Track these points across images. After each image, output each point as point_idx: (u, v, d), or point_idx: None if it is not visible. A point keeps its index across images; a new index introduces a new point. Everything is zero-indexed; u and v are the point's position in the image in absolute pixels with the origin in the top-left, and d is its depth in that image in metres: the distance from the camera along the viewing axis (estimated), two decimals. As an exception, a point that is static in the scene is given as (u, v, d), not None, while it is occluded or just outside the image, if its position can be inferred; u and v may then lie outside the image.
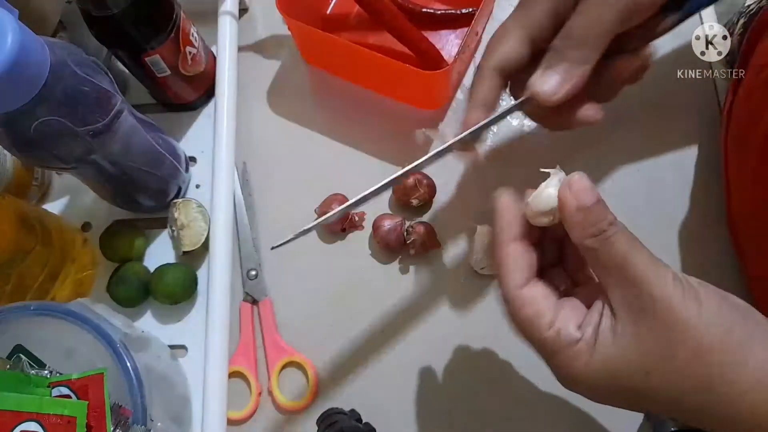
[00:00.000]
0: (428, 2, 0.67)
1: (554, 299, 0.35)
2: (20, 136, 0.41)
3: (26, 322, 0.45)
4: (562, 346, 0.33)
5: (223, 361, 0.52)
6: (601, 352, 0.32)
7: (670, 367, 0.30)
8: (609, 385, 0.32)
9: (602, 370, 0.31)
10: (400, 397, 0.55)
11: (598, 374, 0.32)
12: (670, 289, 0.30)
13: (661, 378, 0.30)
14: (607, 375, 0.31)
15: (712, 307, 0.30)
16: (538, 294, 0.35)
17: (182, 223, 0.56)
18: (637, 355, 0.31)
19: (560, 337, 0.33)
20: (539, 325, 0.34)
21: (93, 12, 0.50)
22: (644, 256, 0.31)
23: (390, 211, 0.60)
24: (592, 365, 0.32)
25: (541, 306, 0.34)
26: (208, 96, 0.64)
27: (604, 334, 0.32)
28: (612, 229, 0.32)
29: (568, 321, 0.33)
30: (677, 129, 0.61)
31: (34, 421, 0.38)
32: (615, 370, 0.31)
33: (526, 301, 0.34)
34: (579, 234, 0.33)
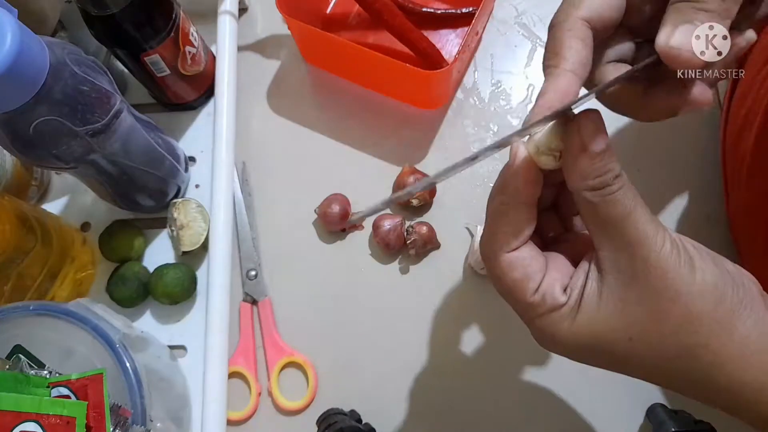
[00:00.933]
0: (428, 2, 0.67)
1: (542, 260, 0.32)
2: (20, 136, 0.41)
3: (25, 322, 0.45)
4: (547, 310, 0.31)
5: (223, 361, 0.52)
6: (584, 316, 0.30)
7: (655, 334, 0.29)
8: (591, 349, 0.31)
9: (585, 335, 0.30)
10: (400, 397, 0.55)
11: (580, 338, 0.30)
12: (666, 255, 0.28)
13: (644, 345, 0.29)
14: (589, 339, 0.30)
15: (706, 274, 0.29)
16: (527, 256, 0.32)
17: (182, 223, 0.56)
18: (622, 321, 0.29)
19: (545, 302, 0.31)
20: (525, 289, 0.31)
21: (92, 11, 0.49)
22: (645, 217, 0.29)
23: (390, 211, 0.60)
24: (574, 329, 0.30)
25: (529, 269, 0.31)
26: (207, 96, 0.64)
27: (589, 297, 0.30)
28: (617, 183, 0.29)
29: (554, 284, 0.31)
30: (677, 128, 0.61)
31: (33, 421, 0.38)
32: (598, 334, 0.30)
33: (515, 264, 0.32)
34: (578, 183, 0.30)
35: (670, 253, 0.29)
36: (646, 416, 0.52)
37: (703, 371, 0.29)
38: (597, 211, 0.29)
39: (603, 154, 0.29)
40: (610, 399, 0.53)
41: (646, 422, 0.51)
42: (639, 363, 0.30)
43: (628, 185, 0.29)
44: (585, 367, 0.54)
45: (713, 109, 0.60)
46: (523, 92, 0.64)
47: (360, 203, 0.60)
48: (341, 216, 0.58)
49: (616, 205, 0.29)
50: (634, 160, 0.60)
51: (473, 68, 0.66)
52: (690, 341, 0.29)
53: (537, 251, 0.32)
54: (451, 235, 0.59)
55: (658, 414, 0.50)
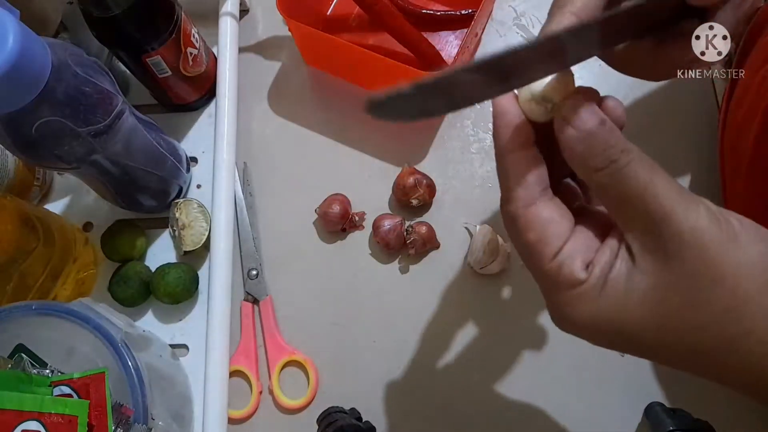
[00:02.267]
0: (428, 3, 0.67)
1: (566, 224, 0.28)
2: (22, 137, 0.41)
3: (28, 322, 0.45)
4: (563, 285, 0.27)
5: (224, 360, 0.52)
6: (609, 301, 0.26)
7: (692, 324, 0.25)
8: (612, 336, 0.27)
9: (608, 321, 0.27)
10: (400, 395, 0.55)
11: (601, 324, 0.27)
12: (703, 229, 0.25)
13: (677, 336, 0.26)
14: (612, 326, 0.27)
15: (754, 251, 0.25)
16: (547, 216, 0.28)
17: (183, 222, 0.57)
18: (654, 310, 0.26)
19: (561, 274, 0.27)
20: (541, 254, 0.28)
21: (94, 13, 0.50)
22: (669, 187, 0.25)
23: (390, 211, 0.60)
24: (596, 313, 0.27)
25: (548, 232, 0.28)
26: (209, 96, 0.64)
27: (616, 280, 0.27)
28: (625, 157, 0.26)
29: (574, 255, 0.27)
30: (676, 128, 0.61)
31: (35, 420, 0.38)
32: (623, 322, 0.26)
33: (531, 224, 0.28)
34: (582, 169, 0.27)
35: (708, 227, 0.25)
36: (644, 415, 0.52)
37: (742, 361, 0.25)
38: (610, 192, 0.27)
39: (599, 128, 0.26)
40: (608, 398, 0.53)
41: (645, 421, 0.52)
42: (667, 353, 0.27)
43: (639, 157, 0.26)
44: (584, 366, 0.54)
45: (712, 109, 0.61)
46: (523, 93, 0.64)
47: (360, 203, 0.60)
48: (341, 216, 0.58)
49: (629, 180, 0.26)
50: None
51: (473, 69, 0.66)
52: (732, 331, 0.25)
53: (563, 214, 0.29)
54: (450, 235, 0.59)
55: (656, 413, 0.50)
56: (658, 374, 0.53)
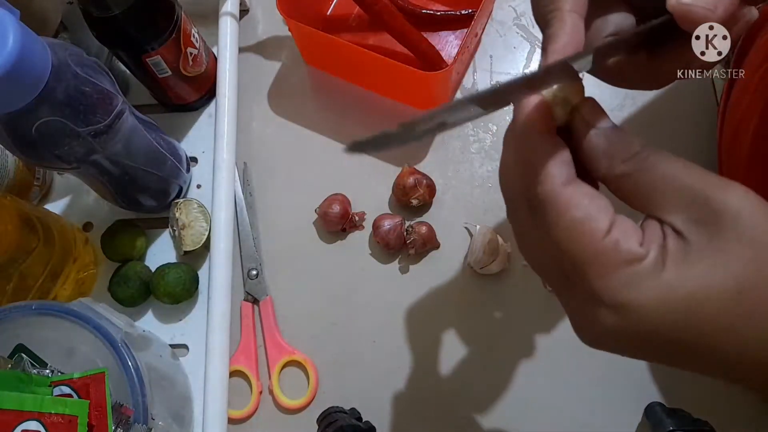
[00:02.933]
0: (428, 3, 0.67)
1: (606, 204, 0.26)
2: (22, 137, 0.41)
3: (28, 322, 0.45)
4: (622, 261, 0.25)
5: (224, 360, 0.52)
6: (674, 273, 0.24)
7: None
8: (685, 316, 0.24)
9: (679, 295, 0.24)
10: (400, 395, 0.55)
11: (671, 301, 0.24)
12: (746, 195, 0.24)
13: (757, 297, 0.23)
14: (684, 301, 0.24)
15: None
16: (589, 191, 0.26)
17: (183, 222, 0.57)
18: (723, 272, 0.24)
19: (620, 250, 0.25)
20: (592, 230, 0.25)
21: (94, 13, 0.50)
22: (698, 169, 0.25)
23: (390, 211, 0.60)
24: (664, 288, 0.24)
25: (594, 207, 0.26)
26: (209, 96, 0.64)
27: (675, 253, 0.24)
28: (646, 150, 0.26)
29: (628, 231, 0.25)
30: (676, 128, 0.61)
31: (35, 420, 0.38)
32: (696, 292, 0.24)
33: (573, 201, 0.26)
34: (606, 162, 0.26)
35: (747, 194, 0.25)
36: (644, 415, 0.52)
37: None
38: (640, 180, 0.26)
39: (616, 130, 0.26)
40: (608, 398, 0.53)
41: (645, 420, 0.52)
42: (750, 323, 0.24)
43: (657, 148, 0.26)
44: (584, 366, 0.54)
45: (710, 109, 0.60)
46: (523, 93, 0.64)
47: (360, 203, 0.60)
48: (341, 216, 0.58)
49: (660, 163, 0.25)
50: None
51: (472, 69, 0.66)
52: None
53: (598, 193, 0.27)
54: (450, 235, 0.59)
55: (656, 412, 0.50)
56: (658, 374, 0.53)
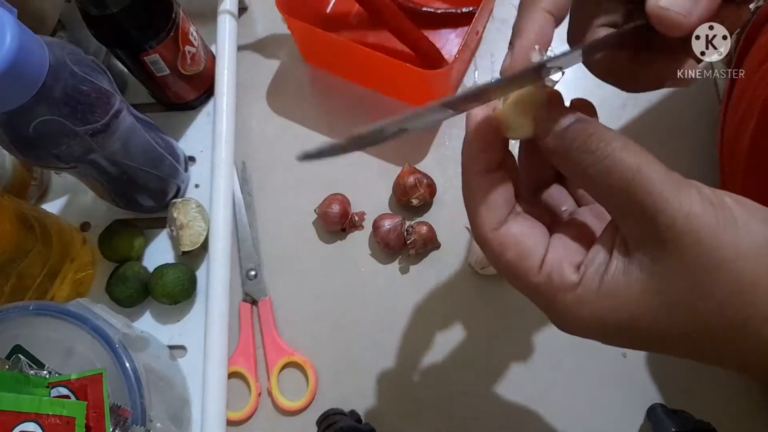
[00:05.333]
0: (429, 1, 0.67)
1: (541, 234, 0.29)
2: (19, 136, 0.41)
3: (25, 322, 0.45)
4: (557, 291, 0.27)
5: (223, 361, 0.52)
6: (610, 298, 0.26)
7: (701, 311, 0.24)
8: (621, 333, 0.26)
9: (613, 318, 0.26)
10: (400, 397, 0.55)
11: (607, 322, 0.26)
12: (696, 217, 0.24)
13: (687, 324, 0.25)
14: (618, 323, 0.26)
15: (755, 232, 0.24)
16: (518, 231, 0.28)
17: (181, 222, 0.56)
18: (659, 300, 0.25)
19: (553, 282, 0.27)
20: (526, 269, 0.28)
21: (92, 11, 0.49)
22: (658, 174, 0.25)
23: (390, 211, 0.60)
24: (599, 313, 0.26)
25: (524, 247, 0.28)
26: (207, 95, 0.64)
27: (614, 277, 0.26)
28: (605, 148, 0.25)
29: (561, 262, 0.27)
30: (677, 128, 0.61)
31: (33, 421, 0.38)
32: (629, 317, 0.26)
33: (505, 244, 0.28)
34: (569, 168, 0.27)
35: (702, 212, 0.24)
36: (646, 416, 0.52)
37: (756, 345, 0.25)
38: (599, 186, 0.26)
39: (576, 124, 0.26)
40: (610, 399, 0.53)
41: (646, 422, 0.51)
42: (677, 343, 0.26)
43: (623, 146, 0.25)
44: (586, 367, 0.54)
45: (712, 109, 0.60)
46: (523, 92, 0.64)
47: (360, 203, 0.60)
48: (341, 216, 0.58)
49: (615, 171, 0.25)
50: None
51: (473, 68, 0.66)
52: (744, 314, 0.24)
53: (531, 225, 0.29)
54: (451, 235, 0.59)
55: (658, 414, 0.50)
56: (660, 375, 0.53)
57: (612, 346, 0.29)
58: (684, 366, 0.53)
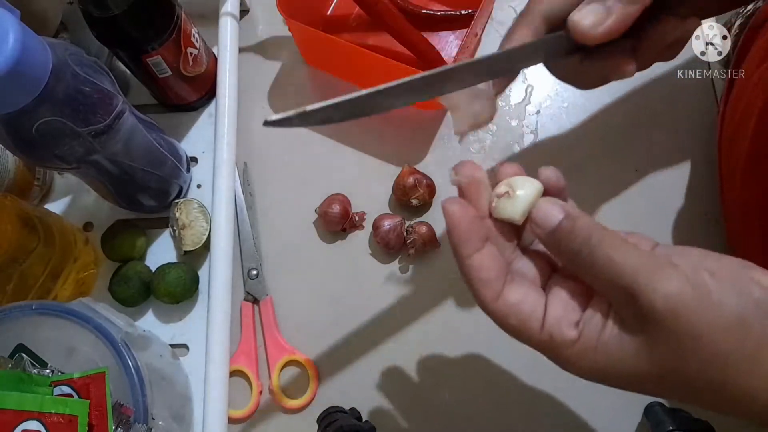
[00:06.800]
0: (428, 4, 0.67)
1: (537, 296, 0.32)
2: (22, 137, 0.41)
3: (28, 322, 0.45)
4: (560, 347, 0.30)
5: (224, 359, 0.52)
6: (606, 357, 0.29)
7: (685, 374, 0.28)
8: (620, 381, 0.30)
9: (611, 371, 0.29)
10: (400, 396, 0.55)
11: (606, 374, 0.30)
12: (674, 297, 0.27)
13: (673, 383, 0.29)
14: (617, 375, 0.30)
15: (728, 308, 0.27)
16: (516, 299, 0.31)
17: (183, 222, 0.57)
18: (649, 363, 0.28)
19: (555, 341, 0.30)
20: (529, 331, 0.31)
21: (94, 13, 0.50)
22: (636, 261, 0.28)
23: (390, 211, 0.61)
24: (597, 366, 0.30)
25: (523, 313, 0.31)
26: (209, 96, 0.64)
27: (609, 340, 0.29)
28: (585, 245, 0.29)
29: (560, 321, 0.31)
30: (676, 128, 0.61)
31: (35, 420, 0.38)
32: (626, 374, 0.29)
33: (506, 313, 0.31)
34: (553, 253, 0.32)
35: (679, 293, 0.27)
36: (644, 415, 0.52)
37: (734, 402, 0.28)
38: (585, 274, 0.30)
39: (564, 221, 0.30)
40: (608, 398, 0.53)
41: (644, 421, 0.52)
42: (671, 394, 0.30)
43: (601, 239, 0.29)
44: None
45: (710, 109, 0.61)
46: (522, 93, 0.64)
47: (360, 203, 0.60)
48: (341, 216, 0.58)
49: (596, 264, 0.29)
50: (632, 159, 0.60)
51: (473, 69, 0.66)
52: (720, 377, 0.27)
53: (526, 290, 0.32)
54: (450, 234, 0.59)
55: (656, 413, 0.50)
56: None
57: None
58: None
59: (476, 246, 0.32)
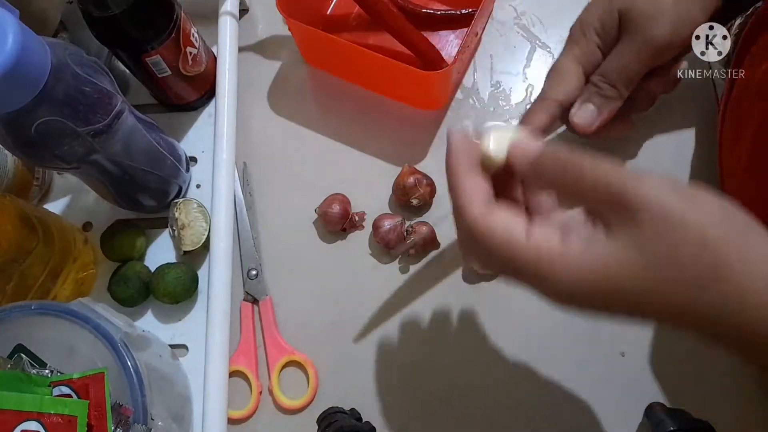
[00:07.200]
0: (428, 3, 0.67)
1: (522, 216, 0.33)
2: (21, 136, 0.41)
3: (27, 322, 0.45)
4: (546, 260, 0.30)
5: (224, 360, 0.52)
6: (594, 258, 0.30)
7: (675, 261, 0.28)
8: (608, 292, 0.30)
9: (600, 277, 0.29)
10: (400, 396, 0.55)
11: (595, 283, 0.30)
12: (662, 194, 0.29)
13: (665, 274, 0.29)
14: (606, 281, 0.29)
15: (712, 203, 0.29)
16: (503, 215, 0.32)
17: (183, 222, 0.57)
18: (637, 254, 0.29)
19: (541, 251, 0.31)
20: (515, 243, 0.31)
21: (94, 12, 0.50)
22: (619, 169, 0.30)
23: (390, 211, 0.60)
24: (586, 274, 0.30)
25: (511, 225, 0.32)
26: (208, 96, 0.64)
27: (595, 240, 0.30)
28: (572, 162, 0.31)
29: (546, 234, 0.31)
30: (676, 128, 0.61)
31: (34, 420, 0.38)
32: (615, 274, 0.29)
33: (493, 227, 0.32)
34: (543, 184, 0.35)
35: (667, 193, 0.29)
36: (644, 415, 0.52)
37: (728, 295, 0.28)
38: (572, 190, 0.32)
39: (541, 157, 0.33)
40: (608, 398, 0.53)
41: (645, 421, 0.52)
42: (662, 299, 0.29)
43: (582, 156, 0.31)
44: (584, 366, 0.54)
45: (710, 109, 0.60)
46: (522, 93, 0.64)
47: (360, 203, 0.60)
48: (341, 216, 0.58)
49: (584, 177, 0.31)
50: (633, 160, 0.60)
51: (473, 69, 0.66)
52: (713, 260, 0.28)
53: (514, 211, 0.33)
54: (451, 235, 0.59)
55: (656, 413, 0.50)
56: (659, 374, 0.53)
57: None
58: (683, 365, 0.53)
59: (471, 166, 0.35)
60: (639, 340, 0.54)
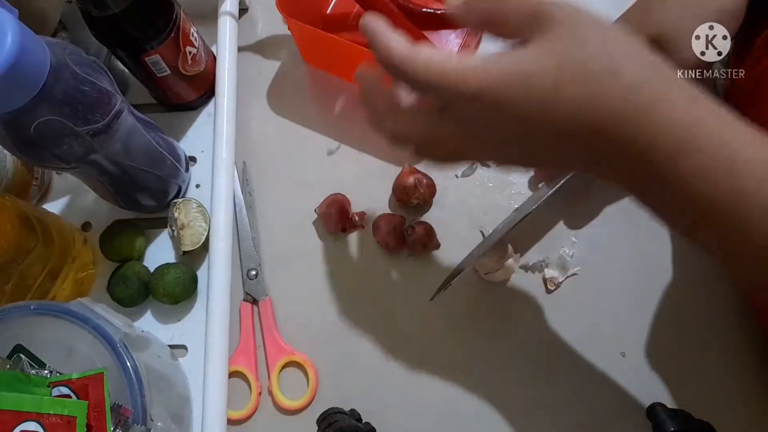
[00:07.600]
0: (428, 2, 0.67)
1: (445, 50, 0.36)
2: (20, 136, 0.41)
3: (26, 322, 0.45)
4: (468, 67, 0.33)
5: (224, 360, 0.52)
6: (511, 59, 0.33)
7: (582, 55, 0.32)
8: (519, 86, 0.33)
9: (515, 74, 0.32)
10: (400, 396, 0.55)
11: (510, 79, 0.33)
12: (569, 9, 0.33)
13: (570, 67, 0.32)
14: (520, 78, 0.32)
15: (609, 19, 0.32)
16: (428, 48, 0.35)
17: (182, 222, 0.56)
18: (547, 55, 0.32)
19: (463, 62, 0.34)
20: (440, 60, 0.34)
21: (93, 12, 0.50)
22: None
23: (390, 211, 0.60)
24: (504, 72, 0.33)
25: (433, 50, 0.35)
26: (208, 96, 0.64)
27: (512, 50, 0.34)
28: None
29: (468, 54, 0.35)
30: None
31: (34, 421, 0.38)
32: (526, 70, 0.32)
33: (416, 49, 0.35)
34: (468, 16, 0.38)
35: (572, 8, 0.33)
36: (645, 415, 0.52)
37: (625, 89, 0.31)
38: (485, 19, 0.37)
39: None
40: (609, 398, 0.53)
41: (646, 422, 0.52)
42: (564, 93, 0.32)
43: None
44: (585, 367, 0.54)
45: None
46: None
47: (360, 203, 0.60)
48: (341, 216, 0.58)
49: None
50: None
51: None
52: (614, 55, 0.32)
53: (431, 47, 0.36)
54: (451, 235, 0.59)
55: (657, 413, 0.50)
56: (660, 375, 0.53)
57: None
58: (683, 365, 0.53)
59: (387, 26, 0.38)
60: (639, 340, 0.54)
